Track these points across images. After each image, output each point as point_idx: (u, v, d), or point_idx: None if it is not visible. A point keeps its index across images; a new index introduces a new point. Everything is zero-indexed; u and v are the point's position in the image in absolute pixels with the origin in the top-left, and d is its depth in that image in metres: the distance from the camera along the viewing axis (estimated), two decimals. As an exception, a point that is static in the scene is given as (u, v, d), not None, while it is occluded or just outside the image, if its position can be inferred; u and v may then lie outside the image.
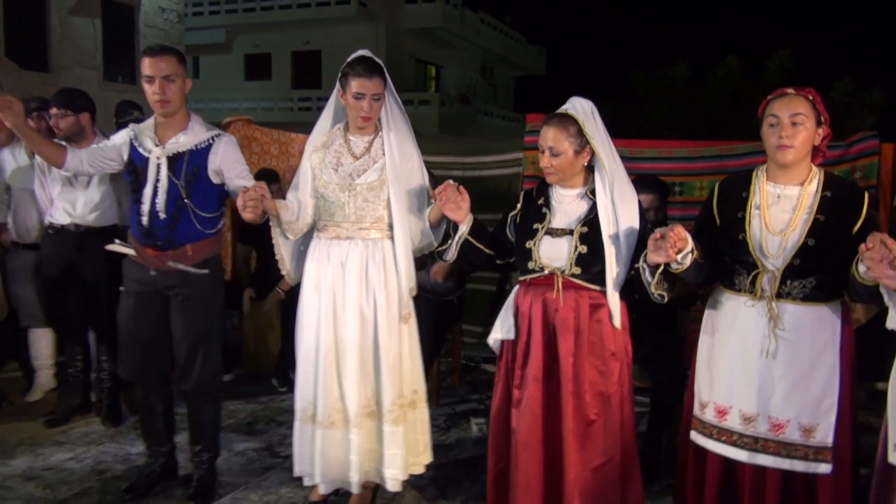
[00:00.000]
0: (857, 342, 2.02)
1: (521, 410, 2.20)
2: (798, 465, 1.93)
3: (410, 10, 20.60)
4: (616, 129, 2.39)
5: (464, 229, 2.28)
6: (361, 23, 19.37)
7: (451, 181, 2.25)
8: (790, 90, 1.96)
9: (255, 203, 2.28)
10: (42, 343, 3.73)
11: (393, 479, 2.49)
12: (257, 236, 4.16)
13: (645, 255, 2.04)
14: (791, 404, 1.93)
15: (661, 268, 2.02)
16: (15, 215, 3.57)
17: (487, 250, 2.34)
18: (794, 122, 1.90)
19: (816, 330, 1.93)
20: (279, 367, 4.08)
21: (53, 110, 3.13)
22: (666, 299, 2.10)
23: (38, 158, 3.30)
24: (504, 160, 4.58)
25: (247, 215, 2.31)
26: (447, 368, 4.20)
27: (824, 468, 1.91)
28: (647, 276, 2.08)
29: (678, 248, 1.91)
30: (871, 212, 1.92)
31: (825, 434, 1.91)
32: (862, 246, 1.66)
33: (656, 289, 2.07)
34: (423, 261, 3.68)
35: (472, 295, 4.37)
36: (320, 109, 2.65)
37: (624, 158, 2.30)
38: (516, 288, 2.34)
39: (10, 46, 10.39)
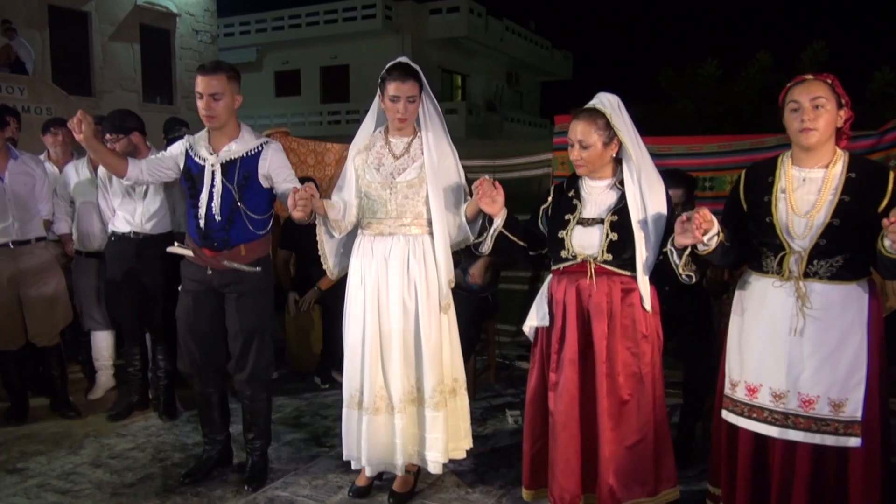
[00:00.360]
0: (887, 328, 2.06)
1: (559, 392, 2.33)
2: (828, 440, 1.99)
3: (435, 20, 20.91)
4: (646, 128, 2.49)
5: (498, 222, 2.43)
6: (387, 36, 19.75)
7: (486, 176, 2.40)
8: (809, 76, 2.04)
9: (305, 202, 2.46)
10: (102, 345, 3.99)
11: (434, 461, 2.64)
12: (296, 242, 4.40)
13: (672, 239, 2.16)
14: (820, 380, 1.99)
15: (689, 249, 2.12)
16: (79, 226, 3.85)
17: (521, 242, 2.48)
18: (815, 106, 1.97)
19: (844, 308, 1.98)
20: (321, 365, 4.27)
21: (107, 136, 3.35)
22: (694, 280, 2.21)
23: (100, 172, 3.58)
24: (533, 161, 4.71)
25: (297, 214, 2.48)
26: (482, 366, 4.34)
27: (854, 441, 1.97)
28: (674, 258, 2.20)
29: (704, 230, 2.01)
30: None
31: (854, 408, 1.97)
32: (885, 220, 1.73)
33: (684, 269, 2.18)
34: (457, 259, 3.85)
35: (506, 295, 4.50)
36: (349, 122, 2.87)
37: (653, 156, 2.38)
38: (549, 277, 2.47)
39: (56, 73, 10.92)
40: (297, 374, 4.42)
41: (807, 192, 2.03)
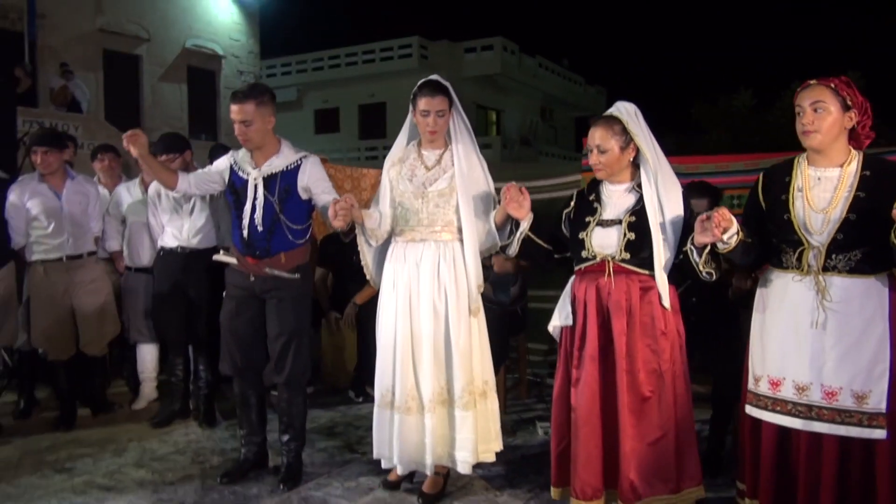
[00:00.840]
0: None
1: (580, 389, 2.38)
2: (853, 431, 2.00)
3: (469, 59, 21.43)
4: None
5: (524, 226, 2.53)
6: (423, 74, 19.72)
7: (514, 182, 2.52)
8: (813, 81, 2.11)
9: (345, 212, 2.61)
10: (147, 357, 4.16)
11: (464, 461, 2.69)
12: (333, 260, 4.55)
13: (692, 238, 2.23)
14: (843, 372, 2.01)
15: (708, 248, 2.19)
16: (129, 243, 4.07)
17: (546, 245, 2.58)
18: (815, 109, 2.05)
19: (864, 300, 2.01)
20: (355, 380, 4.37)
21: (162, 157, 3.57)
22: (714, 277, 2.26)
23: (150, 191, 3.82)
24: (562, 183, 4.81)
25: (337, 223, 2.63)
26: (513, 383, 4.37)
27: (879, 434, 1.97)
28: (695, 256, 2.26)
29: (723, 228, 2.07)
30: None
31: (878, 400, 1.98)
32: (894, 212, 1.78)
33: (704, 267, 2.24)
34: (486, 273, 3.94)
35: (537, 314, 4.56)
36: (386, 157, 2.98)
37: (680, 175, 2.46)
38: (572, 278, 2.54)
39: (109, 112, 11.50)
40: (332, 389, 4.52)
41: (822, 189, 2.08)
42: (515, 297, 3.82)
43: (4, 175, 3.81)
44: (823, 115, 2.05)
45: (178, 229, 3.69)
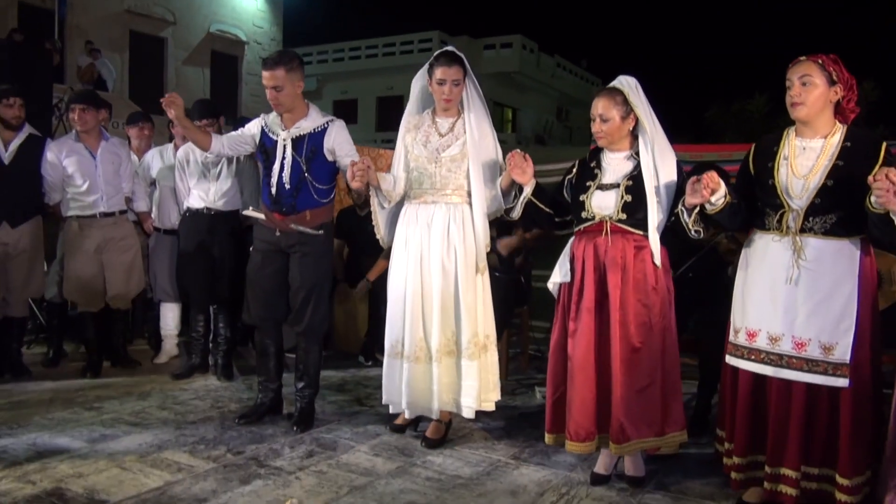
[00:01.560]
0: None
1: (577, 338, 2.58)
2: (818, 379, 2.17)
3: (488, 55, 21.62)
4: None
5: (528, 191, 2.73)
6: None
7: (518, 150, 2.71)
8: (803, 58, 2.27)
9: (362, 173, 2.80)
10: (170, 315, 4.39)
11: (468, 406, 2.91)
12: (348, 232, 4.77)
13: (683, 200, 2.42)
14: (812, 325, 2.17)
15: (698, 209, 2.37)
16: (159, 205, 4.31)
17: (547, 209, 2.77)
18: (803, 83, 2.21)
19: (836, 260, 2.17)
20: (366, 345, 4.58)
21: (201, 122, 3.76)
22: (702, 235, 2.45)
23: (179, 155, 4.04)
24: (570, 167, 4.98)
25: (355, 184, 2.82)
26: (515, 355, 4.57)
27: (842, 382, 2.14)
28: (685, 217, 2.44)
29: (711, 189, 2.26)
30: (888, 158, 2.15)
31: (843, 352, 2.14)
32: (870, 178, 1.93)
33: (693, 226, 2.43)
34: (491, 244, 4.13)
35: (541, 293, 4.73)
36: (401, 124, 3.15)
37: (686, 163, 2.64)
38: (572, 238, 2.73)
39: (133, 92, 11.82)
40: (344, 354, 4.74)
41: (806, 158, 2.25)
42: (520, 266, 4.01)
43: (37, 133, 4.04)
44: (810, 88, 2.21)
45: (205, 192, 3.91)
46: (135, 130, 4.65)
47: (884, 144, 2.19)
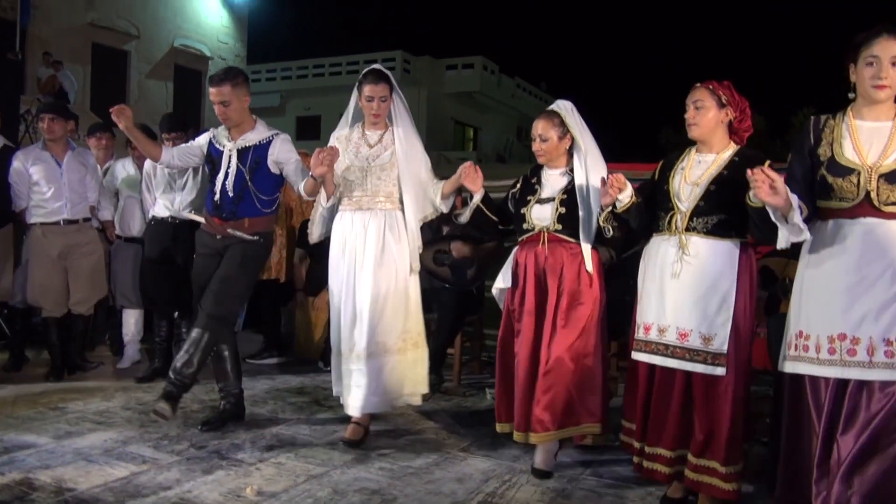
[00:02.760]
0: None
1: (520, 339, 2.84)
2: (699, 368, 2.38)
3: (450, 75, 22.09)
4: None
5: (477, 198, 2.99)
6: (404, 87, 20.13)
7: (470, 161, 2.99)
8: (698, 84, 2.54)
9: (331, 158, 2.94)
10: (132, 321, 4.51)
11: (405, 400, 3.18)
12: (311, 244, 4.94)
13: (601, 203, 2.69)
14: (693, 317, 2.39)
15: (609, 208, 2.65)
16: (122, 214, 4.44)
17: (493, 217, 3.03)
18: (696, 107, 2.49)
19: (715, 258, 2.39)
20: (324, 352, 4.75)
21: (172, 135, 3.95)
22: (612, 233, 2.71)
23: (146, 166, 4.19)
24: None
25: (320, 170, 2.95)
26: (468, 360, 4.80)
27: (720, 371, 2.36)
28: (599, 220, 2.72)
29: (618, 189, 2.54)
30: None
31: (721, 343, 2.35)
32: (748, 171, 2.15)
33: (605, 223, 2.70)
34: (443, 259, 4.38)
35: (492, 303, 4.98)
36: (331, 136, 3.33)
37: (632, 181, 2.76)
38: (515, 248, 3.00)
39: (94, 104, 11.79)
40: (303, 360, 4.90)
41: (698, 169, 2.53)
42: (472, 279, 4.26)
43: (10, 144, 4.15)
44: (702, 111, 2.50)
45: (171, 201, 4.07)
46: (93, 141, 4.78)
47: (767, 162, 2.44)
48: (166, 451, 2.93)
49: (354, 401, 3.09)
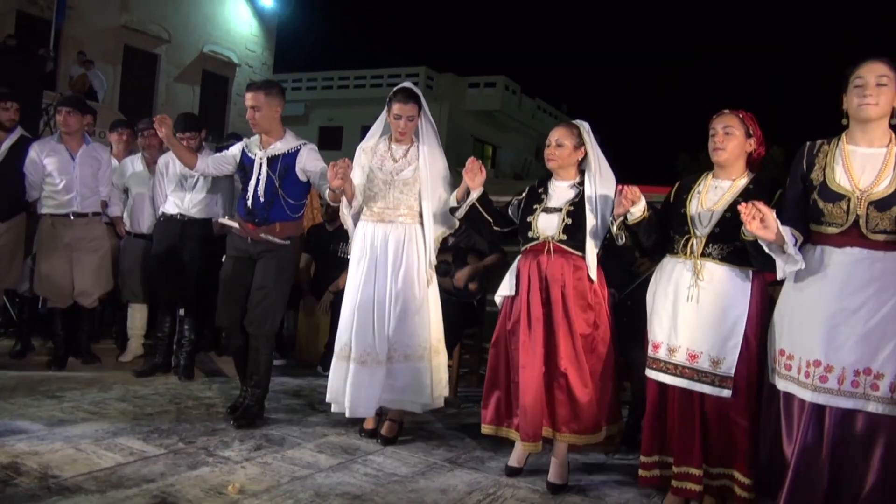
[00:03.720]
0: None
1: (528, 347, 2.81)
2: (706, 389, 2.44)
3: (472, 93, 22.23)
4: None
5: (474, 196, 3.00)
6: (428, 102, 20.96)
7: (474, 157, 3.03)
8: (726, 111, 2.58)
9: (343, 170, 3.02)
10: (137, 316, 4.56)
11: (423, 403, 3.24)
12: (316, 247, 4.99)
13: (613, 213, 2.73)
14: (704, 340, 2.44)
15: (621, 219, 2.67)
16: (131, 210, 4.51)
17: (488, 217, 3.03)
18: (726, 132, 2.52)
19: (729, 284, 2.44)
20: (325, 356, 4.76)
21: (186, 134, 4.03)
22: (623, 241, 2.73)
23: (158, 164, 4.27)
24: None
25: (336, 182, 3.03)
26: (465, 373, 4.78)
27: (726, 393, 2.42)
28: (613, 227, 2.74)
29: (631, 201, 2.57)
30: (781, 202, 2.40)
31: (729, 367, 2.41)
32: (739, 206, 2.20)
33: (617, 232, 2.72)
34: (446, 269, 4.38)
35: (492, 316, 4.97)
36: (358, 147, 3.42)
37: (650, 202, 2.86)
38: (518, 257, 3.01)
39: (123, 105, 12.04)
40: (304, 363, 4.91)
41: (715, 194, 2.56)
42: (472, 292, 4.26)
43: (27, 135, 4.25)
44: (731, 137, 2.52)
45: (181, 199, 4.13)
46: (115, 136, 4.88)
47: (780, 191, 2.47)
48: (154, 444, 2.95)
49: (369, 402, 3.16)
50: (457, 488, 2.75)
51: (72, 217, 4.14)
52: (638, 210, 2.60)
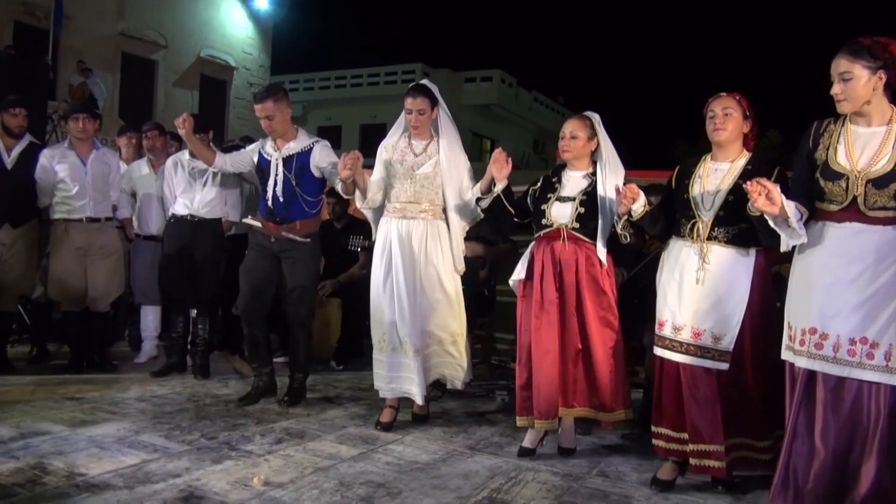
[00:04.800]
0: None
1: (542, 328, 2.90)
2: (707, 363, 2.54)
3: (469, 87, 22.26)
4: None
5: (500, 187, 3.05)
6: None
7: (500, 149, 3.09)
8: (723, 93, 2.63)
9: (353, 161, 3.10)
10: (150, 318, 4.59)
11: (455, 380, 3.39)
12: (326, 244, 4.99)
13: (617, 211, 2.77)
14: (708, 318, 2.53)
15: (625, 216, 2.72)
16: (140, 213, 4.54)
17: (511, 209, 3.09)
18: (725, 114, 2.57)
19: (734, 266, 2.53)
20: (337, 351, 4.80)
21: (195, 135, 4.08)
22: (628, 240, 2.79)
23: (167, 165, 4.29)
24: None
25: (345, 173, 3.13)
26: (479, 361, 4.80)
27: (724, 365, 2.52)
28: (617, 227, 2.79)
29: (631, 199, 2.62)
30: (780, 178, 2.45)
31: (729, 342, 2.51)
32: (745, 185, 2.26)
33: (622, 231, 2.78)
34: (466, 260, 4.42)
35: (505, 307, 5.02)
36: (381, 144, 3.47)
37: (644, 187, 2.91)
38: (532, 243, 3.06)
39: (123, 111, 12.06)
40: (316, 359, 4.91)
41: (716, 178, 2.61)
42: (483, 280, 4.28)
43: (36, 141, 4.28)
44: (730, 118, 2.58)
45: (190, 200, 4.16)
46: (123, 140, 4.92)
47: (777, 168, 2.53)
48: (177, 440, 2.98)
49: (418, 388, 3.25)
50: (478, 473, 2.78)
51: (85, 222, 4.17)
52: (639, 206, 2.66)
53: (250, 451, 2.89)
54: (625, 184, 2.85)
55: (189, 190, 4.17)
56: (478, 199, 3.19)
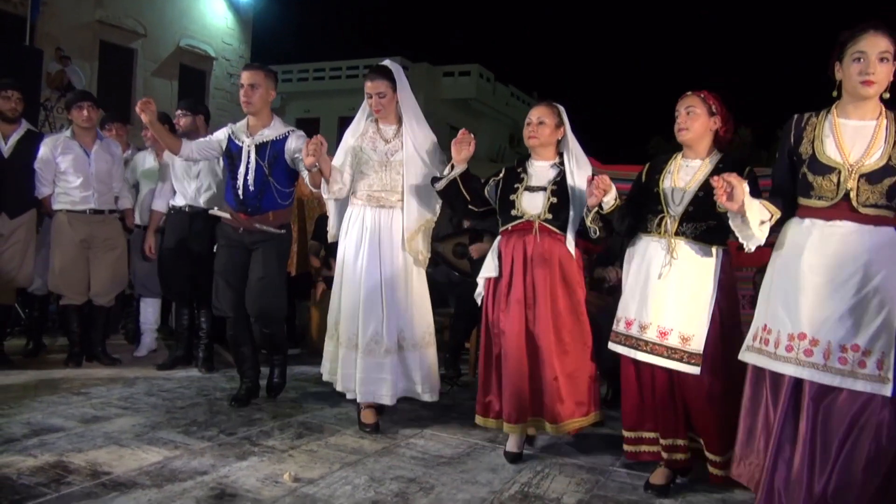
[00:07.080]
0: None
1: (507, 330, 2.79)
2: (675, 365, 2.44)
3: (447, 82, 22.23)
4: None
5: (458, 170, 2.93)
6: None
7: (466, 129, 2.95)
8: (688, 93, 2.59)
9: (316, 148, 2.93)
10: (150, 310, 4.50)
11: (432, 395, 3.21)
12: (327, 235, 4.95)
13: (587, 205, 2.70)
14: (674, 317, 2.45)
15: (595, 209, 2.65)
16: (141, 204, 4.43)
17: (466, 195, 2.96)
18: (688, 112, 2.53)
19: (700, 263, 2.46)
20: (340, 346, 4.74)
21: (178, 112, 4.01)
22: (598, 234, 2.72)
23: (165, 157, 4.18)
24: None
25: (309, 160, 2.96)
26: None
27: (694, 370, 2.41)
28: (587, 220, 2.71)
29: (602, 191, 2.55)
30: (750, 177, 2.34)
31: (698, 343, 2.41)
32: (712, 179, 2.20)
33: (591, 224, 2.69)
34: (462, 251, 4.39)
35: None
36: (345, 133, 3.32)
37: (618, 180, 2.81)
38: (498, 238, 2.95)
39: (101, 99, 11.69)
40: (318, 352, 4.85)
41: (686, 174, 2.58)
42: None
43: (34, 129, 4.15)
44: (693, 117, 2.54)
45: (185, 190, 4.06)
46: (105, 133, 4.75)
47: (748, 167, 2.49)
48: (196, 437, 2.92)
49: (387, 390, 3.10)
50: (505, 467, 2.78)
51: (88, 214, 4.05)
52: (610, 198, 2.58)
53: (273, 447, 2.85)
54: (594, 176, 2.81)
55: (185, 178, 4.07)
56: (434, 179, 3.04)
